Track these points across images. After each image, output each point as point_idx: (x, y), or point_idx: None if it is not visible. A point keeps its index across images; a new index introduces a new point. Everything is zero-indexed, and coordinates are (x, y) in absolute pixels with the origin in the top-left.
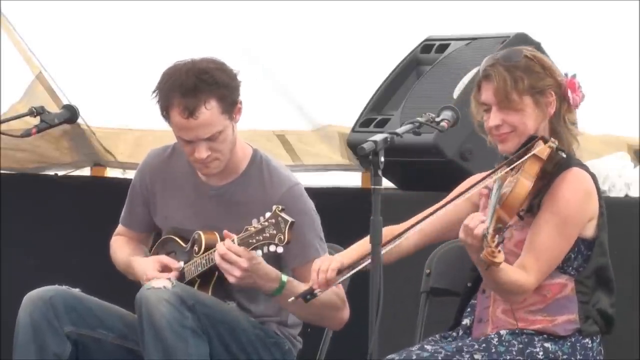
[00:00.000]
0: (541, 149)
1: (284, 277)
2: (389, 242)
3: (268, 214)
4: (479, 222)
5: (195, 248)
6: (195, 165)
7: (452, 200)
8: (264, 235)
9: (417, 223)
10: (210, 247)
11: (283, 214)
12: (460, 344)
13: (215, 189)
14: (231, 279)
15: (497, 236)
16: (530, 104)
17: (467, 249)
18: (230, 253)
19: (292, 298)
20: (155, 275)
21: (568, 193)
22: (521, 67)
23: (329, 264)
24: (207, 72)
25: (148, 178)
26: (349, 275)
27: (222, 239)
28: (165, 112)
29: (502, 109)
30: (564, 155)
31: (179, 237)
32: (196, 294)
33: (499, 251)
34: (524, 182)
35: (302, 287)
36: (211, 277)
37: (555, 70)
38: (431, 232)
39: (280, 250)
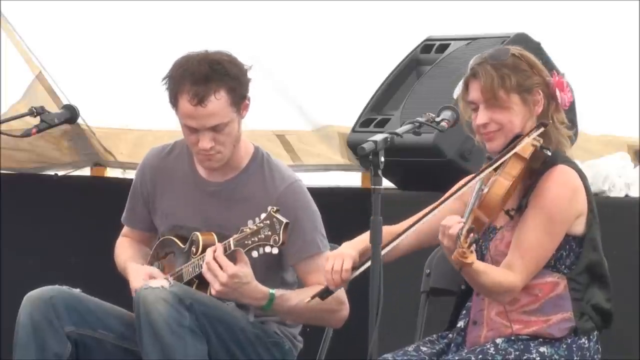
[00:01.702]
0: (524, 148)
1: (273, 291)
2: (388, 243)
3: (263, 215)
4: (456, 223)
5: (193, 249)
6: (198, 157)
7: (444, 200)
8: (259, 236)
9: (414, 224)
10: (207, 247)
11: (278, 215)
12: (457, 358)
13: (215, 186)
14: (212, 291)
15: (470, 236)
16: (518, 102)
17: (444, 251)
18: (214, 264)
19: (308, 299)
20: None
21: (554, 190)
22: (509, 66)
23: (342, 263)
24: (220, 63)
25: (148, 177)
26: (362, 269)
27: (220, 240)
28: (174, 99)
29: (490, 107)
30: (549, 153)
31: (178, 237)
32: (194, 293)
33: (471, 252)
34: (501, 182)
35: (293, 297)
36: None
37: (542, 69)
38: (422, 235)
39: (275, 251)
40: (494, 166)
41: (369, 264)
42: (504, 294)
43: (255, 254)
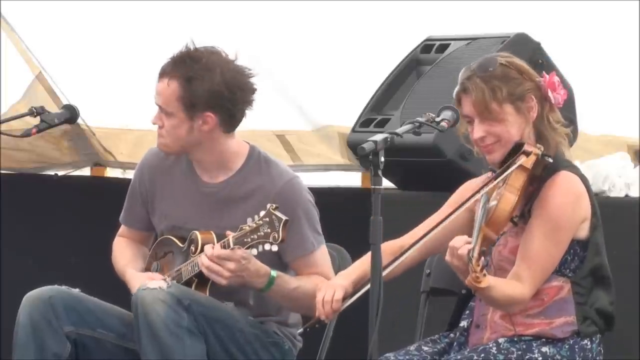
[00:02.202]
0: (526, 159)
1: (274, 273)
2: (390, 263)
3: (262, 213)
4: (464, 243)
5: (192, 248)
6: None
7: (451, 213)
8: (259, 234)
9: (419, 240)
10: (206, 246)
11: (277, 212)
12: (459, 357)
13: (212, 187)
14: (222, 281)
15: (482, 259)
16: (512, 111)
17: (455, 271)
18: (215, 259)
19: (301, 329)
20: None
21: (557, 198)
22: (498, 76)
23: (333, 293)
24: (195, 61)
25: (147, 177)
26: (354, 299)
27: (219, 239)
28: None
29: (484, 121)
30: (551, 160)
31: (177, 236)
32: (192, 294)
33: (484, 275)
34: (508, 197)
35: (292, 281)
36: (208, 277)
37: (532, 73)
38: (428, 246)
39: (275, 248)
40: (498, 180)
41: (359, 293)
42: (514, 306)
43: (254, 251)
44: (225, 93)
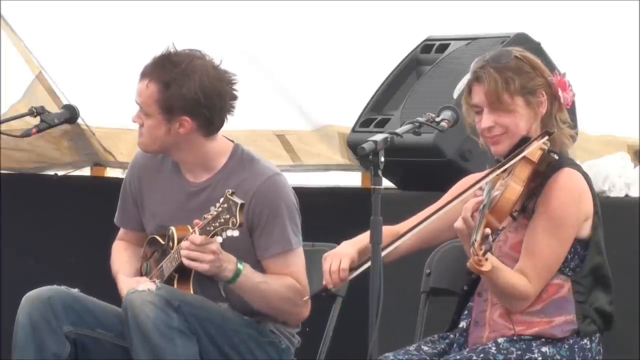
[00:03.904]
0: (532, 151)
1: (240, 264)
2: (389, 244)
3: (222, 199)
4: (474, 203)
5: (170, 244)
6: None
7: (449, 202)
8: (220, 221)
9: (417, 225)
10: (181, 240)
11: (234, 197)
12: (458, 357)
13: (195, 186)
14: (204, 267)
15: (484, 244)
16: (522, 104)
17: (461, 239)
18: (193, 247)
19: (307, 297)
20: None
21: (561, 195)
22: (512, 68)
23: (340, 262)
24: (175, 65)
25: (136, 176)
26: (362, 269)
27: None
28: None
29: (494, 111)
30: (556, 157)
31: (162, 235)
32: (182, 295)
33: (486, 259)
34: (514, 187)
35: (257, 276)
36: (189, 272)
37: (544, 70)
38: (426, 234)
39: (236, 233)
40: (503, 169)
41: (368, 264)
42: (519, 300)
43: (219, 239)
44: (202, 100)
